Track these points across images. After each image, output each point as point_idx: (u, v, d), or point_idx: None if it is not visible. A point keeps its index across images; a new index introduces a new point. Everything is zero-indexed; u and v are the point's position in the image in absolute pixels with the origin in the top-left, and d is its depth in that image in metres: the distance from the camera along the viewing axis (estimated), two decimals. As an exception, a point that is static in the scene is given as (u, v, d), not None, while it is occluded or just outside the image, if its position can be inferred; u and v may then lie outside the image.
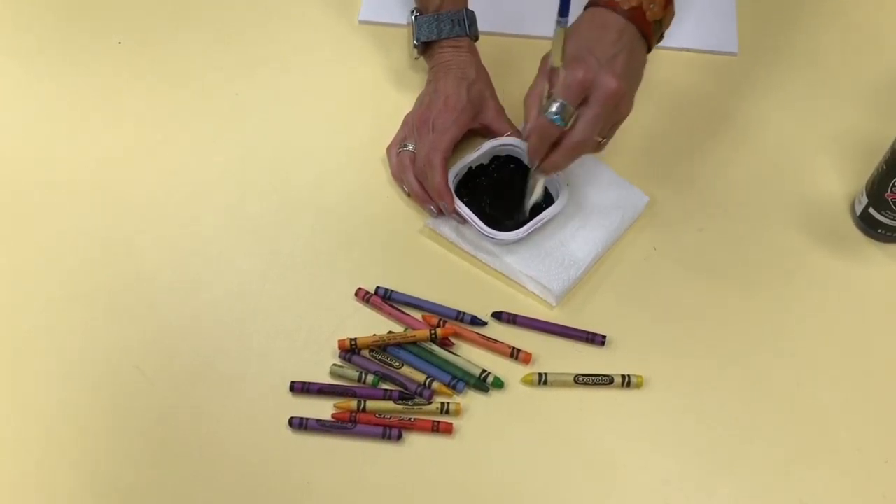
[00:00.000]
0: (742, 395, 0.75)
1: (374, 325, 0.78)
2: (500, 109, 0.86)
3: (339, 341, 0.76)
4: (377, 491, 0.71)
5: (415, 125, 0.83)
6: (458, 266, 0.81)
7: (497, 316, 0.78)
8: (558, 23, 0.65)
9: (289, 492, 0.71)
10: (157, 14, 0.97)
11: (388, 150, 0.86)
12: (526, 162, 0.80)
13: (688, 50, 0.93)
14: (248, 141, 0.88)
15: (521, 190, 0.82)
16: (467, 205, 0.80)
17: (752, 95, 0.91)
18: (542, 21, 0.91)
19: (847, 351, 0.77)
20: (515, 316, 0.77)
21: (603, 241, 0.81)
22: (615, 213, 0.82)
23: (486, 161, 0.83)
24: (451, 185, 0.79)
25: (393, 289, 0.79)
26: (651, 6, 0.72)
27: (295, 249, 0.82)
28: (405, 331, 0.77)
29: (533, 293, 0.79)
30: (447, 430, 0.73)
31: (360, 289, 0.79)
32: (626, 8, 0.71)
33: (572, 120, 0.70)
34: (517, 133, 0.84)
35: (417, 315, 0.78)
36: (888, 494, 0.70)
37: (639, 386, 0.75)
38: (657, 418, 0.74)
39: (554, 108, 0.70)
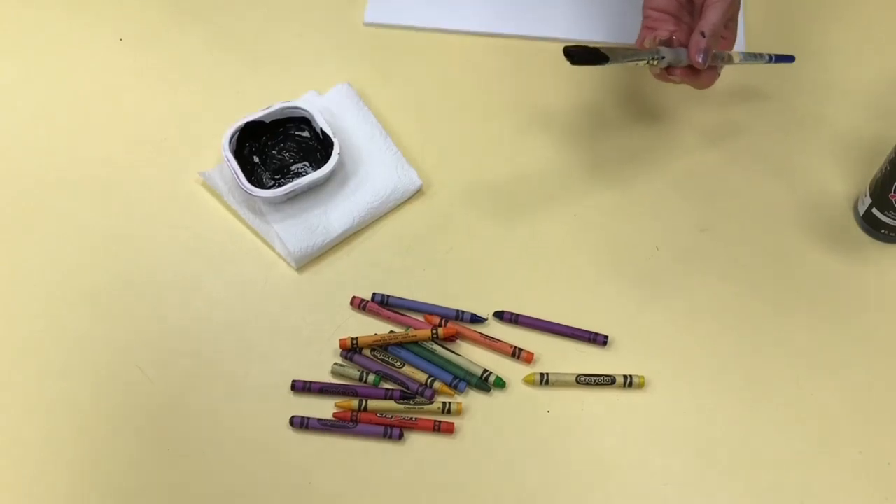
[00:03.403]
0: (743, 396, 0.75)
1: (375, 324, 0.78)
2: None
3: (341, 340, 0.76)
4: (378, 490, 0.71)
5: None
6: (458, 266, 0.81)
7: (499, 315, 0.78)
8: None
9: (290, 491, 0.71)
10: (159, 12, 0.96)
11: None
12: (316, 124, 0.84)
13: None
14: (249, 139, 0.88)
15: (306, 152, 0.85)
16: (243, 160, 0.83)
17: (754, 95, 0.91)
18: (547, 22, 0.92)
19: (849, 351, 0.77)
20: (517, 315, 0.77)
21: (360, 215, 0.82)
22: (383, 191, 0.83)
23: (271, 120, 0.85)
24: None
25: (390, 294, 0.79)
26: None
27: (296, 248, 0.82)
28: (407, 330, 0.77)
29: (281, 256, 0.80)
30: (448, 429, 0.73)
31: (354, 297, 0.79)
32: None
33: None
34: None
35: (416, 317, 0.78)
36: (890, 497, 0.70)
37: (640, 386, 0.75)
38: (658, 419, 0.74)
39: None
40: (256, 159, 0.84)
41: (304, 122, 0.85)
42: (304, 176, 0.81)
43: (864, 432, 0.73)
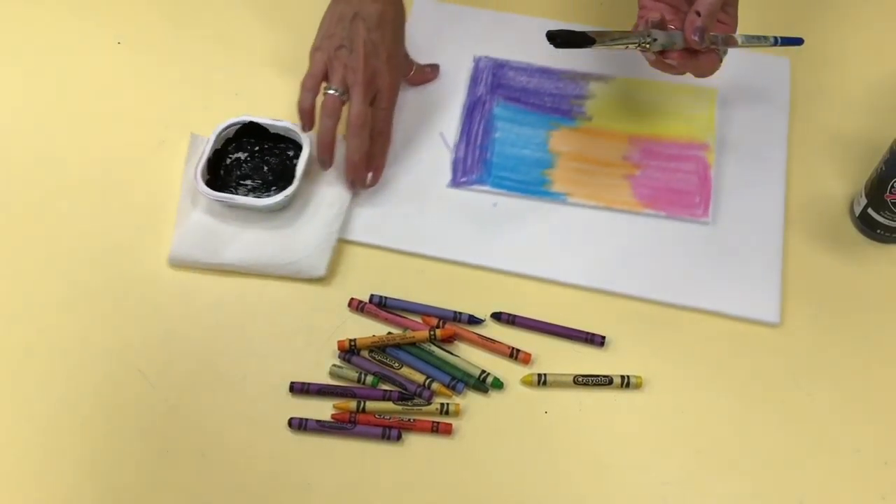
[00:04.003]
0: (741, 395, 0.75)
1: (373, 326, 0.78)
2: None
3: (339, 342, 0.76)
4: (377, 491, 0.71)
5: (357, 75, 0.79)
6: (452, 269, 0.81)
7: (496, 316, 0.78)
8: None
9: (288, 492, 0.71)
10: (157, 14, 0.97)
11: (305, 84, 0.81)
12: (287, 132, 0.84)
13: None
14: (247, 141, 0.88)
15: (283, 173, 0.84)
16: (230, 149, 0.85)
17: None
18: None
19: (846, 351, 0.77)
20: (515, 316, 0.77)
21: (252, 261, 0.79)
22: (289, 257, 0.79)
23: (220, 146, 0.84)
24: (201, 179, 0.80)
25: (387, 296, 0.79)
26: None
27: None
28: (404, 332, 0.77)
29: None
30: (447, 430, 0.73)
31: (352, 299, 0.79)
32: None
33: None
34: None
35: (414, 319, 0.78)
36: (888, 496, 0.71)
37: (638, 386, 0.75)
38: (656, 419, 0.74)
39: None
40: (242, 156, 0.85)
41: (300, 148, 0.84)
42: (250, 195, 0.82)
43: (861, 431, 0.73)
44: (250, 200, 0.80)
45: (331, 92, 0.80)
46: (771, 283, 0.79)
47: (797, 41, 0.79)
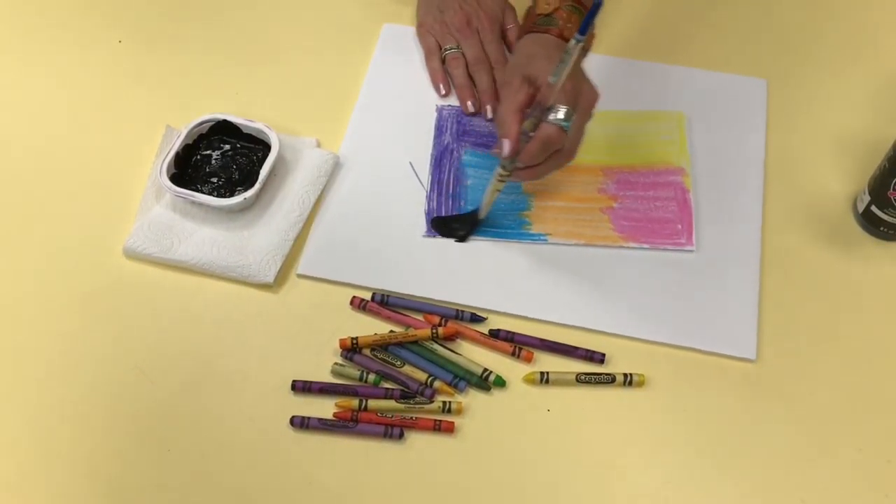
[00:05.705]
0: (742, 394, 0.75)
1: (375, 324, 0.78)
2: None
3: (341, 340, 0.76)
4: (379, 490, 0.71)
5: (456, 28, 0.92)
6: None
7: (494, 334, 0.77)
8: (577, 41, 0.66)
9: (290, 491, 0.71)
10: (158, 13, 0.97)
11: (428, 58, 0.92)
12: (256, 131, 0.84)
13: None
14: (249, 139, 0.88)
15: (250, 174, 0.83)
16: (199, 145, 0.84)
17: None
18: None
19: (848, 349, 0.77)
20: (514, 334, 0.77)
21: (203, 260, 0.79)
22: (237, 259, 0.79)
23: (191, 141, 0.84)
24: (165, 173, 0.81)
25: (389, 291, 0.79)
26: (568, 26, 0.78)
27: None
28: (406, 330, 0.77)
29: None
30: (449, 428, 0.73)
31: (354, 297, 0.79)
32: (555, 34, 0.78)
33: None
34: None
35: (416, 317, 0.78)
36: (891, 494, 0.70)
37: (640, 385, 0.75)
38: (658, 417, 0.74)
39: (561, 114, 0.72)
40: (213, 154, 0.84)
41: (269, 150, 0.84)
42: (214, 194, 0.82)
43: (863, 430, 0.73)
44: (209, 199, 0.80)
45: (448, 53, 0.91)
46: (748, 313, 0.77)
47: (595, 7, 0.65)
